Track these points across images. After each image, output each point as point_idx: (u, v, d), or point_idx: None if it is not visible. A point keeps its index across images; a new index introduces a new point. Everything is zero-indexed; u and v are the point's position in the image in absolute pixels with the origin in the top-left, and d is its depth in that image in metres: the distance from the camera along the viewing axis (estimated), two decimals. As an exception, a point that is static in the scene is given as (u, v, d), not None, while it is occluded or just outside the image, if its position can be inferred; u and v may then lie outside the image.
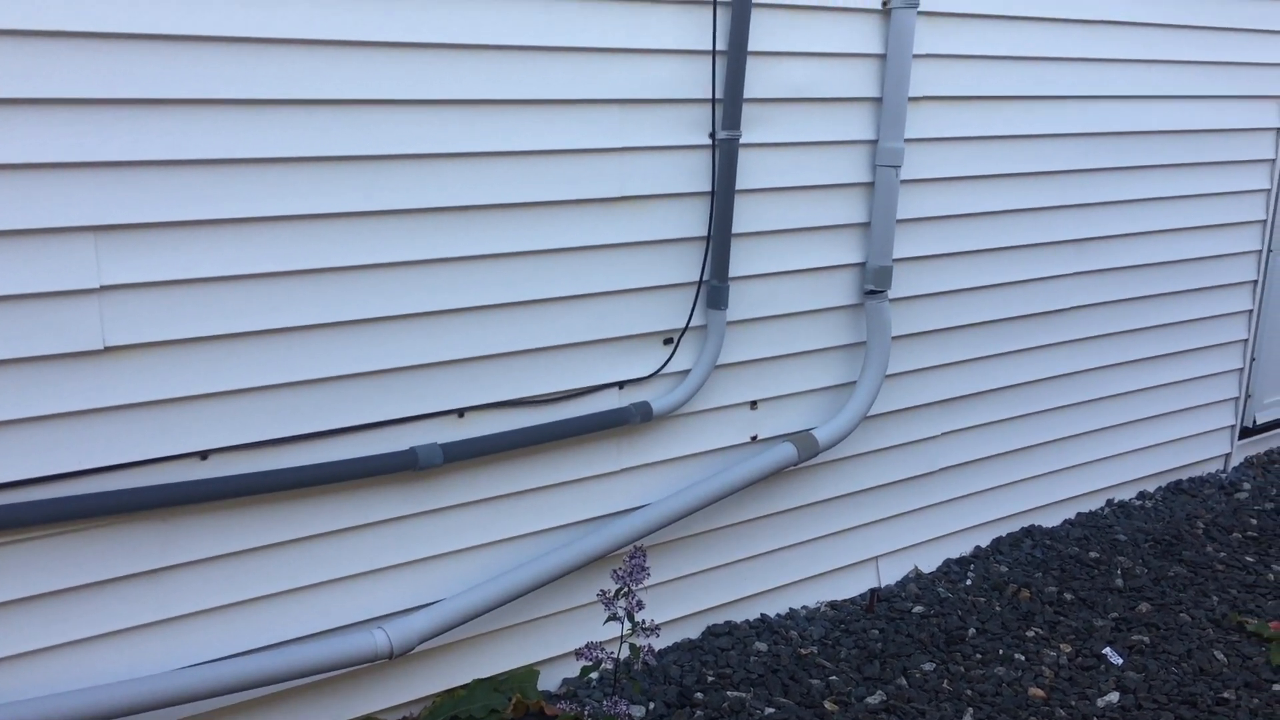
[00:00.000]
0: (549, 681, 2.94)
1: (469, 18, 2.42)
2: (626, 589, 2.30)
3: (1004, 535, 3.99)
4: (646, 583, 2.50)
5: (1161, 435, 4.43)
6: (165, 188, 2.15)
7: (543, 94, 2.56)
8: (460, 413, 2.62)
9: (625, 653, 2.38)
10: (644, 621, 2.31)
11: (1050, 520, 4.15)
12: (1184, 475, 4.59)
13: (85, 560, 2.22)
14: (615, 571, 2.32)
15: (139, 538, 2.28)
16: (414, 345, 2.51)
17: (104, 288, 2.13)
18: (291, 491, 2.41)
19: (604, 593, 2.34)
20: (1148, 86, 3.82)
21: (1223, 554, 3.90)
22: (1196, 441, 4.58)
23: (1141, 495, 4.43)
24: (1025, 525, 4.07)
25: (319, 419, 2.42)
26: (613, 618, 2.33)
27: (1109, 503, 4.33)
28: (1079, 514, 4.23)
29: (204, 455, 2.31)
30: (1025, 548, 3.91)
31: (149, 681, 2.24)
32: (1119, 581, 3.67)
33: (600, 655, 2.29)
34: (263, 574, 2.43)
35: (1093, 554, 3.87)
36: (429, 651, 2.69)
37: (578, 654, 2.31)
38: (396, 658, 2.53)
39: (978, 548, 3.91)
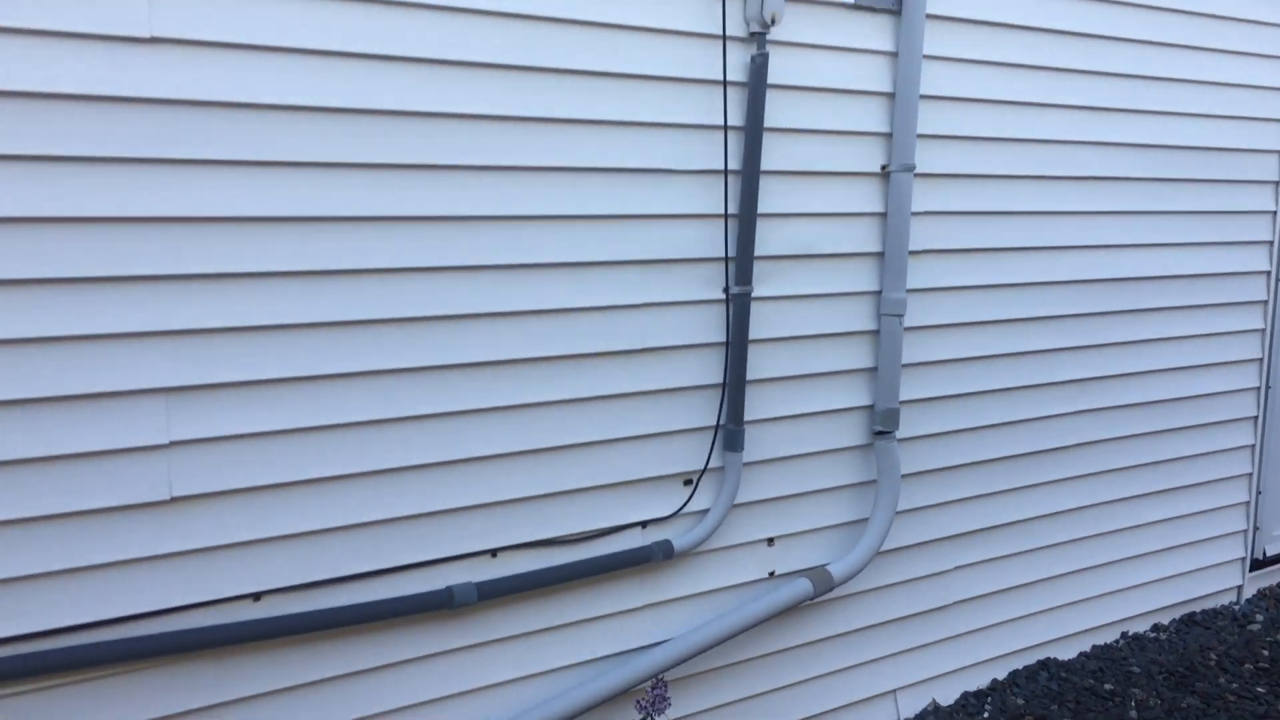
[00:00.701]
0: (578, 814, 3.05)
1: (515, 192, 2.68)
2: (649, 718, 2.44)
3: (1020, 668, 4.09)
4: (669, 712, 2.63)
5: (1173, 568, 4.54)
6: (230, 352, 2.38)
7: (571, 258, 2.81)
8: (493, 553, 2.80)
9: (651, 782, 2.52)
10: (667, 751, 2.46)
11: (1066, 652, 4.24)
12: (1197, 607, 4.68)
13: (148, 697, 2.39)
14: (639, 701, 2.47)
15: (197, 675, 2.44)
16: (450, 490, 2.71)
17: (173, 444, 2.34)
18: (337, 629, 2.59)
19: (629, 723, 2.49)
20: (1140, 235, 4.06)
21: (1235, 685, 3.98)
22: (1208, 574, 4.68)
23: (1156, 627, 4.52)
24: (1041, 658, 4.16)
25: (362, 561, 2.60)
26: (638, 748, 2.48)
27: (1124, 635, 4.42)
28: (1094, 646, 4.33)
29: (257, 596, 2.49)
30: (1041, 680, 4.01)
31: (202, 812, 2.38)
32: (1133, 713, 3.76)
33: (627, 784, 2.43)
34: (311, 709, 2.58)
35: (1107, 686, 3.96)
36: (463, 784, 2.82)
37: (605, 782, 2.46)
38: (433, 790, 2.67)
39: (995, 680, 4.00)
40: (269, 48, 2.35)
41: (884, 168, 3.36)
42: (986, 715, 3.76)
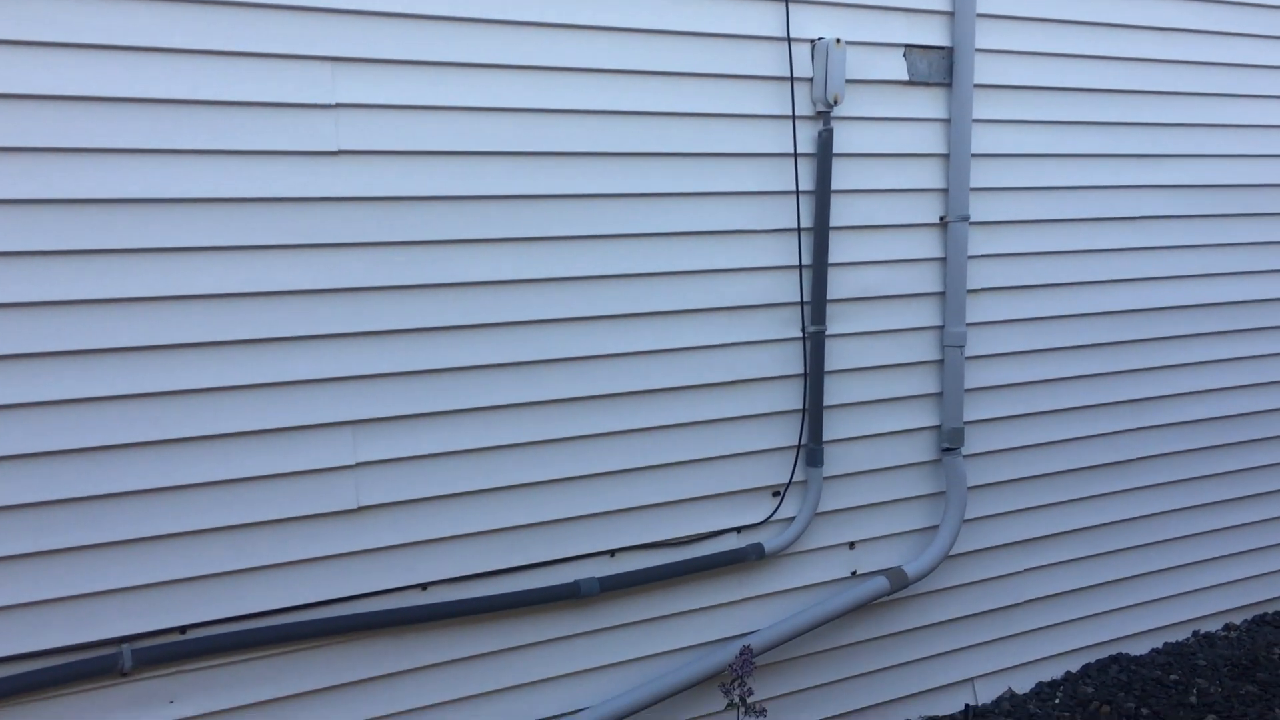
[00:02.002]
0: (686, 777, 3.60)
1: (624, 253, 3.28)
2: (739, 678, 2.99)
3: (1093, 661, 4.50)
4: (760, 692, 3.16)
5: (1246, 570, 4.88)
6: (404, 391, 3.02)
7: (671, 306, 3.39)
8: (612, 553, 3.38)
9: (742, 735, 3.05)
10: (754, 705, 2.99)
11: (1138, 649, 4.63)
12: (1269, 609, 5.00)
13: (341, 666, 3.02)
14: (730, 666, 3.01)
15: (378, 650, 3.07)
16: (577, 500, 3.30)
17: (359, 464, 2.99)
18: (488, 614, 3.19)
19: (724, 683, 3.03)
20: (1190, 267, 4.45)
21: (1293, 675, 4.33)
22: (1280, 577, 5.02)
23: (1227, 627, 4.86)
24: (1114, 653, 4.56)
25: (507, 558, 3.21)
26: (731, 704, 3.01)
27: (1195, 633, 4.78)
28: (1166, 643, 4.70)
29: (425, 587, 3.12)
30: (1112, 672, 4.41)
31: (385, 759, 3.02)
32: (1193, 698, 4.15)
33: (721, 734, 2.98)
34: (466, 679, 3.19)
35: (1173, 677, 4.35)
36: (591, 747, 3.40)
37: (704, 732, 3.02)
38: (567, 748, 3.26)
39: (1068, 672, 4.42)
40: (430, 152, 3.00)
41: (942, 219, 3.87)
42: (1058, 701, 4.19)
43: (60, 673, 2.67)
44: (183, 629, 2.83)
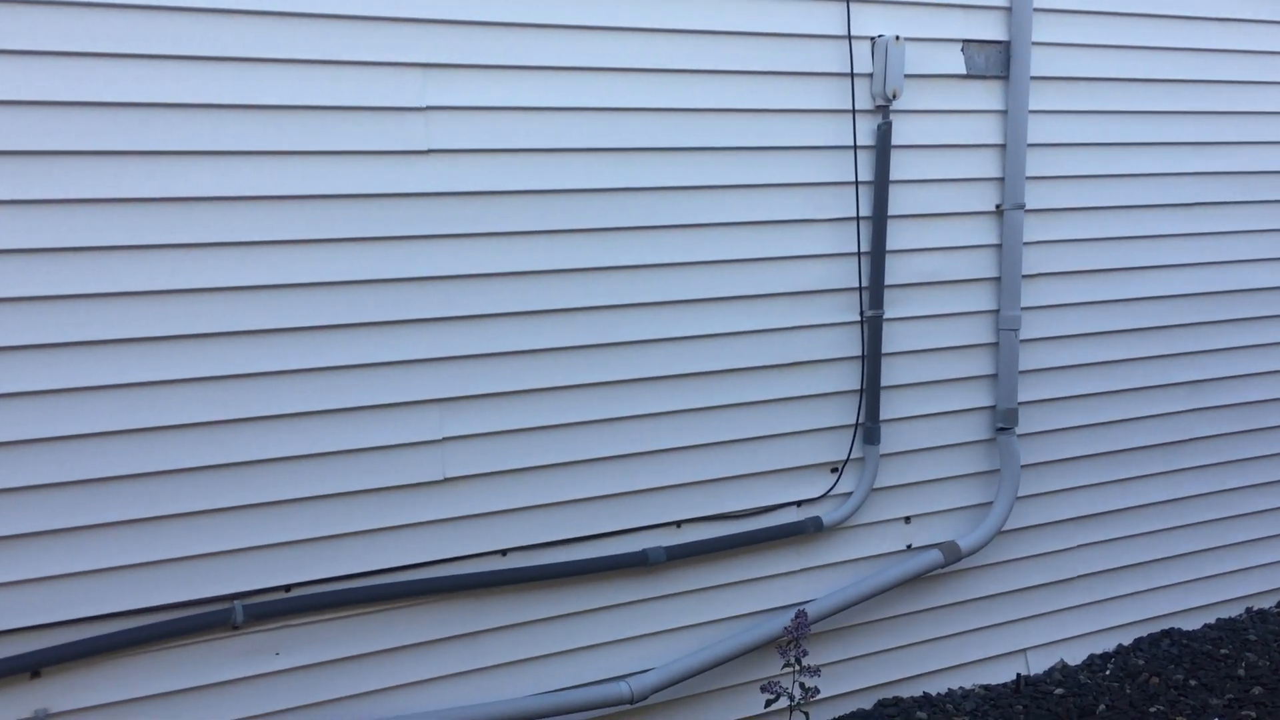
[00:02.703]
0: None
1: (689, 243, 3.49)
2: (795, 640, 3.19)
3: (1145, 635, 4.63)
4: (817, 655, 3.37)
5: (1301, 550, 4.99)
6: (491, 372, 3.26)
7: (735, 292, 3.59)
8: (678, 524, 3.60)
9: (797, 692, 3.25)
10: (809, 666, 3.19)
11: (1190, 624, 4.75)
12: (1325, 587, 5.10)
13: (427, 624, 3.28)
14: (786, 628, 3.23)
15: (460, 610, 3.32)
16: (645, 474, 3.52)
17: (445, 439, 3.24)
18: (561, 579, 3.43)
19: (780, 646, 3.24)
20: (1247, 252, 4.55)
21: (1342, 651, 4.43)
22: (1337, 556, 5.10)
23: (1280, 604, 4.98)
24: (1166, 627, 4.69)
25: (580, 527, 3.45)
26: (787, 664, 3.23)
27: (1248, 610, 4.89)
28: (1219, 619, 4.81)
29: (504, 553, 3.36)
30: (1163, 646, 4.55)
31: (464, 710, 3.27)
32: (1241, 671, 4.28)
33: (779, 689, 3.18)
34: (543, 638, 3.44)
35: (1223, 651, 4.48)
36: (655, 705, 3.61)
37: (762, 689, 3.22)
38: (635, 704, 3.48)
39: (1120, 645, 4.56)
40: (514, 150, 3.23)
41: (998, 206, 4.02)
42: (1109, 672, 4.34)
43: (180, 625, 2.96)
44: (287, 588, 3.11)
